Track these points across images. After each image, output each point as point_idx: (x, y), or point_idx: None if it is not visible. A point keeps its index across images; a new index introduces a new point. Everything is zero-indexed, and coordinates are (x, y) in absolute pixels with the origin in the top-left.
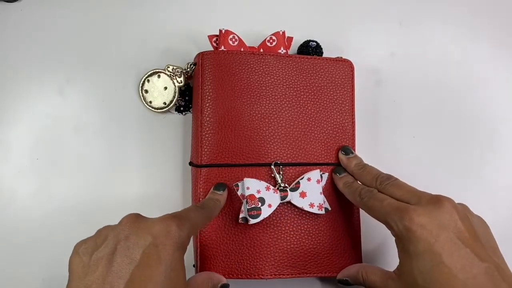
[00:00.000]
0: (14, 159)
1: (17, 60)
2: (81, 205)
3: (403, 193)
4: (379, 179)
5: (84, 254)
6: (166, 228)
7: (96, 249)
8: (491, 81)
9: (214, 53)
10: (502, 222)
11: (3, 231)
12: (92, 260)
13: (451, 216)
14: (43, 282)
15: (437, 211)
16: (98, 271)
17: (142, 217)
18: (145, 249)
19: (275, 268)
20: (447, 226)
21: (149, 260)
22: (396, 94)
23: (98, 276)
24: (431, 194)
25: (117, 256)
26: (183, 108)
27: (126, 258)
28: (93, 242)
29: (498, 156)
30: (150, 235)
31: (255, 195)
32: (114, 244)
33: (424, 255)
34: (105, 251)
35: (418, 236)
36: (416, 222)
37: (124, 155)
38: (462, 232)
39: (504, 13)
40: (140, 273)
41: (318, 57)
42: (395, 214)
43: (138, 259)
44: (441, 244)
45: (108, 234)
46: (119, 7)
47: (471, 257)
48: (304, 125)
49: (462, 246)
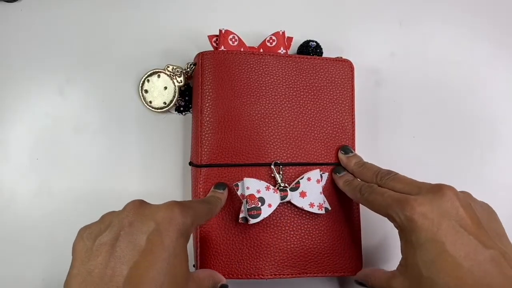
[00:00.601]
0: (14, 159)
1: (17, 60)
2: (81, 205)
3: (404, 185)
4: (379, 175)
5: (88, 239)
6: (170, 215)
7: (100, 234)
8: (491, 81)
9: (214, 53)
10: (502, 222)
11: (3, 231)
12: (96, 245)
13: (453, 204)
14: (43, 282)
15: (438, 199)
16: (101, 256)
17: (146, 203)
18: (148, 235)
19: (275, 268)
20: (448, 214)
21: (153, 246)
22: (396, 94)
23: (101, 261)
24: (431, 184)
25: (121, 241)
26: (183, 108)
27: (129, 244)
28: (97, 227)
29: (498, 156)
30: (153, 221)
31: (255, 195)
32: (118, 229)
33: (427, 245)
34: (108, 237)
35: (420, 225)
36: (418, 211)
37: (124, 155)
38: (464, 219)
39: (504, 13)
40: (143, 259)
41: (318, 57)
42: (396, 206)
43: (142, 245)
44: (444, 233)
45: (112, 220)
46: (119, 7)
47: (475, 244)
48: (304, 125)
49: (465, 234)
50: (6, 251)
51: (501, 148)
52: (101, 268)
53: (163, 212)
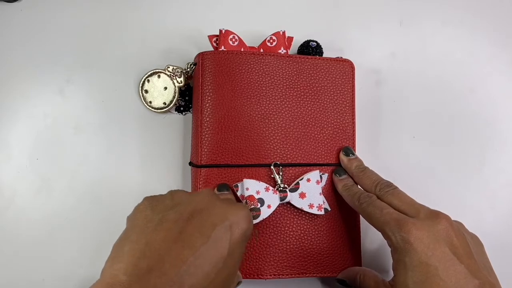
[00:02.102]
0: (14, 159)
1: (17, 60)
2: (81, 205)
3: (402, 204)
4: (379, 186)
5: (153, 210)
6: (244, 217)
7: (166, 210)
8: (491, 81)
9: (214, 53)
10: (502, 222)
11: (3, 231)
12: (160, 219)
13: (448, 233)
14: (43, 282)
15: (435, 226)
16: (163, 232)
17: (220, 199)
18: (218, 228)
19: (275, 268)
20: (443, 241)
21: (217, 242)
22: (396, 94)
23: (163, 237)
24: (429, 209)
25: (189, 225)
26: (183, 108)
27: (196, 231)
28: (166, 202)
29: (498, 156)
30: (226, 217)
31: (254, 196)
32: (189, 212)
33: (421, 267)
34: (175, 215)
35: (415, 248)
36: (414, 234)
37: (124, 155)
38: (457, 248)
39: (504, 13)
40: (205, 252)
41: (318, 57)
42: (394, 225)
43: (208, 236)
44: (438, 258)
45: (183, 200)
46: (119, 7)
47: (465, 273)
48: (304, 125)
49: (457, 262)
50: (6, 251)
51: (501, 148)
52: (161, 245)
53: (237, 211)
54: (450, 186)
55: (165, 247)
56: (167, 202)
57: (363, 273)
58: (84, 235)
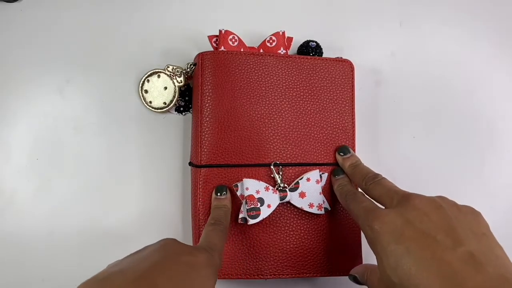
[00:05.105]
0: (14, 159)
1: (17, 60)
2: (81, 205)
3: (382, 193)
4: (366, 179)
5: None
6: (205, 276)
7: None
8: (491, 81)
9: (214, 54)
10: (502, 222)
11: (3, 231)
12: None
13: (418, 212)
14: (43, 282)
15: (405, 209)
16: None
17: (178, 243)
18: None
19: (275, 268)
20: (413, 221)
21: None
22: (396, 94)
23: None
24: (403, 193)
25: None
26: (183, 108)
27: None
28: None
29: (498, 156)
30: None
31: (254, 196)
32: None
33: (392, 252)
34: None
35: (383, 234)
36: (380, 221)
37: (124, 155)
38: (431, 222)
39: (504, 14)
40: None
41: (318, 57)
42: (364, 217)
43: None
44: (406, 237)
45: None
46: (119, 7)
47: (441, 245)
48: (304, 125)
49: (431, 236)
50: (6, 251)
51: (501, 148)
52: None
53: (196, 257)
54: (450, 186)
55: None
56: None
57: (370, 269)
58: (83, 235)
